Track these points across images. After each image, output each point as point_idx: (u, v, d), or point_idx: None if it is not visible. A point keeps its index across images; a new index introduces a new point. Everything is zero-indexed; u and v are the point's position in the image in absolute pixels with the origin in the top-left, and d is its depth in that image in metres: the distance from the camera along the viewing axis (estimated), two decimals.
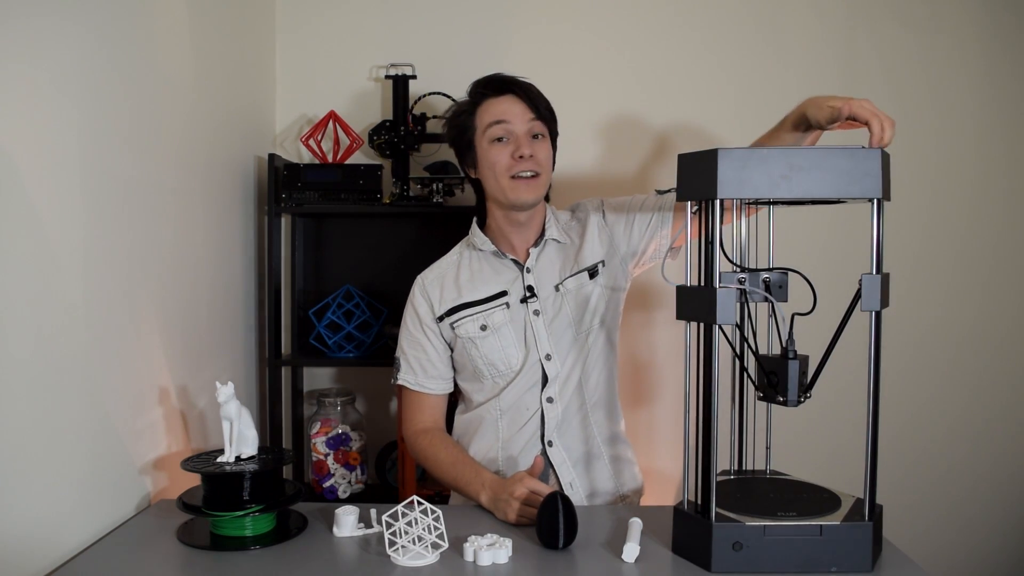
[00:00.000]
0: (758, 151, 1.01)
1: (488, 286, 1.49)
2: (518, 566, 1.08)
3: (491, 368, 1.47)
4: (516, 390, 1.46)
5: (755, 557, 1.03)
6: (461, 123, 1.49)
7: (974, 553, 2.14)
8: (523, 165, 1.42)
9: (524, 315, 1.47)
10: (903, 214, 2.02)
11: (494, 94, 1.46)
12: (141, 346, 1.36)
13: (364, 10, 2.08)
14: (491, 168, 1.44)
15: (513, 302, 1.48)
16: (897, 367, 2.06)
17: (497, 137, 1.44)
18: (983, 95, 2.08)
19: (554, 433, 1.45)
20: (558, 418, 1.45)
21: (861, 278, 1.02)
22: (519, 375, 1.46)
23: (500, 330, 1.46)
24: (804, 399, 1.14)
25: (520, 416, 1.46)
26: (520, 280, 1.49)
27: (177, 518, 1.25)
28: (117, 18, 1.28)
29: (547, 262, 1.51)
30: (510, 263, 1.51)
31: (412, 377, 1.51)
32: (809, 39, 2.07)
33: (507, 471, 1.46)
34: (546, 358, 1.45)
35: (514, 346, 1.46)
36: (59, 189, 1.13)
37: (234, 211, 1.82)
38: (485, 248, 1.51)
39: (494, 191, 1.46)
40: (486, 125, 1.45)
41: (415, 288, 1.54)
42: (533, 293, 1.47)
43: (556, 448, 1.46)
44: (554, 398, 1.45)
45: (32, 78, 1.06)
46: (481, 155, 1.47)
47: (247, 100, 1.92)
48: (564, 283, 1.48)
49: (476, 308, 1.47)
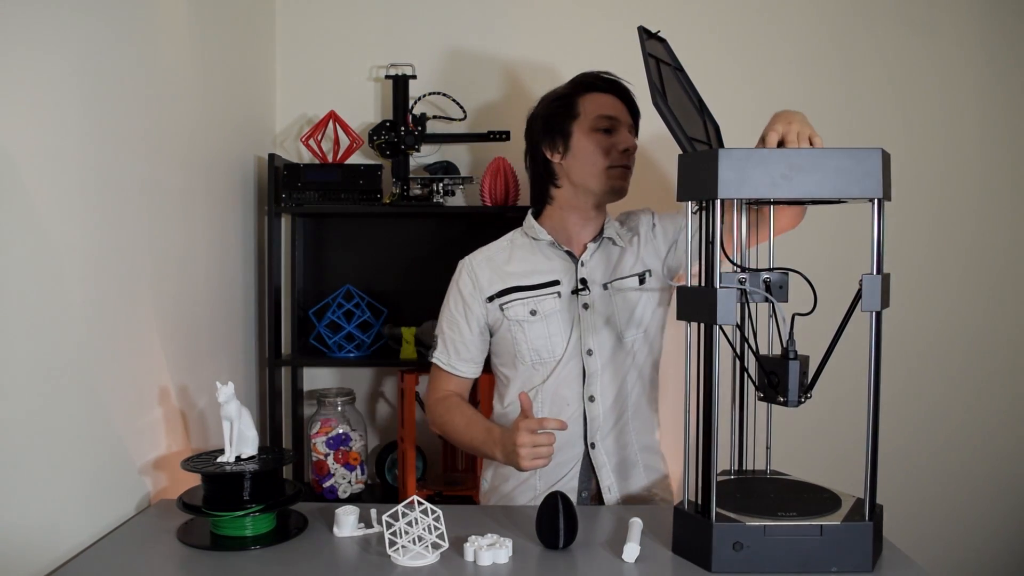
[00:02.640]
0: (758, 151, 1.01)
1: (541, 274, 1.50)
2: (518, 566, 1.08)
3: (534, 354, 1.47)
4: (556, 381, 1.46)
5: (755, 557, 1.03)
6: (562, 106, 1.50)
7: (976, 555, 2.14)
8: (626, 158, 1.48)
9: (574, 307, 1.48)
10: (906, 215, 2.02)
11: (604, 89, 1.50)
12: (141, 346, 1.36)
13: (364, 10, 2.08)
14: (591, 155, 1.47)
15: (564, 292, 1.49)
16: (901, 369, 2.06)
17: (604, 128, 1.47)
18: (985, 95, 2.08)
19: (597, 435, 1.46)
20: (600, 419, 1.46)
21: (861, 278, 1.02)
22: (559, 365, 1.46)
23: (549, 317, 1.47)
24: (804, 399, 1.14)
25: (561, 412, 1.46)
26: (573, 272, 1.50)
27: (177, 518, 1.25)
28: (118, 19, 1.28)
29: (600, 260, 1.52)
30: (564, 254, 1.51)
31: (445, 357, 1.51)
32: (810, 39, 2.07)
33: (548, 474, 1.46)
34: (588, 353, 1.46)
35: (560, 335, 1.47)
36: (59, 189, 1.13)
37: (234, 211, 1.82)
38: (541, 238, 1.52)
39: (586, 178, 1.47)
40: (595, 115, 1.47)
41: (461, 269, 1.53)
42: (586, 286, 1.48)
43: (599, 451, 1.46)
44: (596, 397, 1.46)
45: (33, 78, 1.06)
46: (578, 142, 1.48)
47: (247, 100, 1.93)
48: (614, 283, 1.49)
49: (528, 293, 1.48)
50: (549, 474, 1.46)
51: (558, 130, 1.49)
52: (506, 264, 1.51)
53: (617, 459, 1.47)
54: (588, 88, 1.50)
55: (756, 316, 1.22)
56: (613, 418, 1.47)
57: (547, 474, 1.46)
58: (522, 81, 1.65)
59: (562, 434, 1.43)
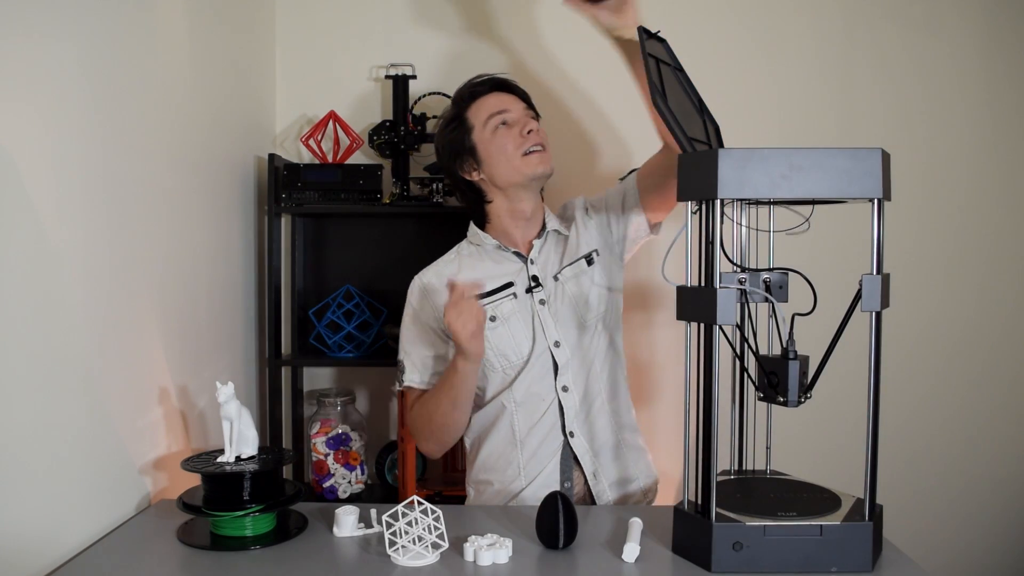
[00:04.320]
0: (758, 151, 1.01)
1: (493, 279, 1.50)
2: (518, 566, 1.08)
3: (502, 359, 1.48)
4: (528, 379, 1.47)
5: (755, 557, 1.03)
6: (456, 127, 1.52)
7: (971, 551, 2.14)
8: (532, 139, 1.48)
9: (530, 304, 1.49)
10: (899, 214, 2.01)
11: (485, 92, 1.52)
12: (141, 346, 1.36)
13: (364, 10, 2.08)
14: (501, 152, 1.48)
15: (519, 292, 1.50)
16: (893, 366, 2.06)
17: (501, 123, 1.49)
18: (980, 95, 2.08)
19: (574, 423, 1.47)
20: (576, 407, 1.47)
21: (861, 278, 1.02)
22: (529, 363, 1.47)
23: (509, 320, 1.48)
24: (804, 399, 1.14)
25: (536, 408, 1.47)
26: (524, 271, 1.52)
27: (177, 518, 1.25)
28: (117, 19, 1.28)
29: (548, 254, 1.55)
30: (512, 256, 1.53)
31: (418, 376, 1.51)
32: (807, 39, 2.07)
33: (529, 470, 1.46)
34: (555, 345, 1.47)
35: (523, 334, 1.48)
36: (60, 190, 1.13)
37: (234, 211, 1.82)
38: (486, 243, 1.54)
39: (506, 174, 1.49)
40: (486, 118, 1.50)
41: (413, 287, 1.55)
42: (538, 283, 1.50)
43: (578, 438, 1.47)
44: (569, 386, 1.47)
45: (32, 78, 1.06)
46: (485, 147, 1.50)
47: (247, 100, 1.93)
48: (562, 272, 1.51)
49: (484, 300, 1.48)
50: (530, 469, 1.46)
51: (463, 150, 1.51)
52: (456, 276, 1.51)
53: (598, 443, 1.49)
54: (470, 99, 1.53)
55: (756, 316, 1.22)
56: (588, 404, 1.48)
57: (528, 470, 1.46)
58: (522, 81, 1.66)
59: (540, 427, 1.47)
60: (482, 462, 1.52)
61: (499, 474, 1.49)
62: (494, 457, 1.50)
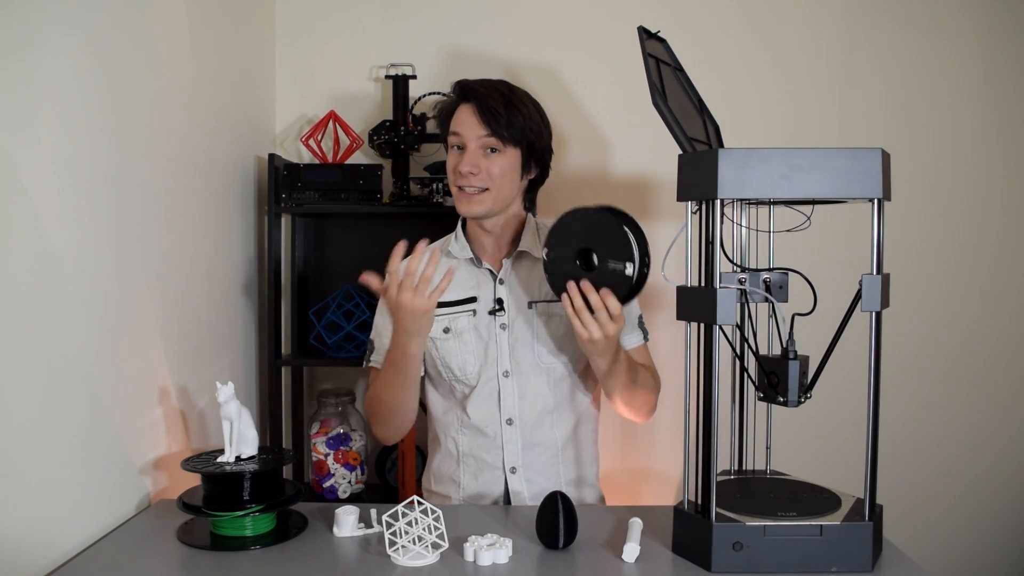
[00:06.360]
0: (758, 151, 1.01)
1: (460, 289, 1.45)
2: (518, 566, 1.08)
3: (447, 371, 1.44)
4: (475, 402, 1.43)
5: (755, 557, 1.03)
6: (441, 121, 1.47)
7: (971, 551, 2.14)
8: (463, 180, 1.39)
9: (491, 327, 1.44)
10: (900, 214, 2.01)
11: (460, 100, 1.42)
12: (141, 346, 1.36)
13: (364, 10, 2.08)
14: (449, 173, 1.43)
15: (481, 311, 1.44)
16: (894, 367, 2.06)
17: (455, 145, 1.41)
18: (981, 96, 2.08)
19: (517, 460, 1.43)
20: (518, 444, 1.42)
21: (861, 278, 1.02)
22: (477, 387, 1.43)
23: (462, 335, 1.43)
24: (804, 399, 1.14)
25: (481, 435, 1.43)
26: (492, 291, 1.45)
27: (177, 518, 1.25)
28: (117, 19, 1.28)
29: (523, 276, 1.46)
30: (486, 272, 1.47)
31: (380, 359, 1.47)
32: (808, 39, 2.07)
33: (468, 489, 1.44)
34: (504, 375, 1.42)
35: (473, 354, 1.43)
36: (59, 189, 1.12)
37: (234, 211, 1.82)
38: (461, 256, 1.48)
39: None
40: (449, 131, 1.43)
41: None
42: (502, 307, 1.43)
43: (519, 477, 1.43)
44: (514, 420, 1.42)
45: (32, 78, 1.06)
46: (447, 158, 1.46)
47: (247, 100, 1.93)
48: (538, 305, 1.41)
49: (443, 309, 1.43)
50: (470, 490, 1.44)
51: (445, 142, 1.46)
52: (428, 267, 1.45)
53: (539, 489, 1.42)
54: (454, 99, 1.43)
55: (756, 316, 1.22)
56: (535, 445, 1.43)
57: (467, 489, 1.44)
58: (522, 81, 1.66)
59: (482, 452, 1.43)
60: (432, 471, 1.53)
61: (443, 487, 1.49)
62: (440, 471, 1.49)
